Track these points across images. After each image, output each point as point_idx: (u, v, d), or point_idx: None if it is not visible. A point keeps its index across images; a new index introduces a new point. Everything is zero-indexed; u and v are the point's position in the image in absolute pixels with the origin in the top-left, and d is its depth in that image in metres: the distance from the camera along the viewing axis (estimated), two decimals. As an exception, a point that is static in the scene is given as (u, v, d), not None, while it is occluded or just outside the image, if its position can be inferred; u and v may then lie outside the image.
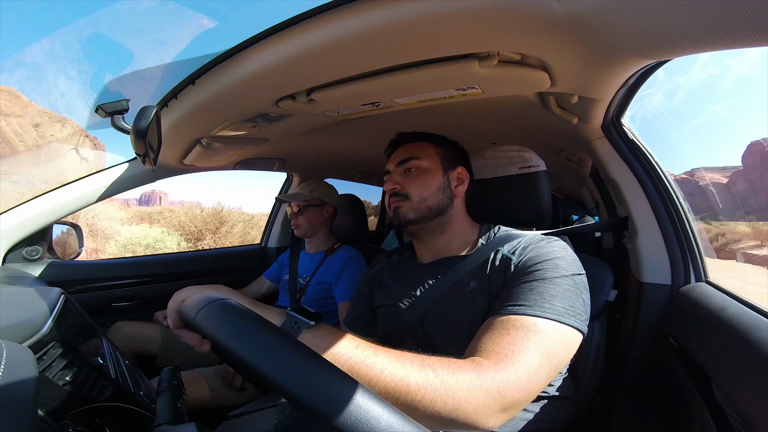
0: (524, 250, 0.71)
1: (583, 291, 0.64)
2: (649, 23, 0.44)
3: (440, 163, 0.83)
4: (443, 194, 0.81)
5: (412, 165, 0.82)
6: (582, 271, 0.67)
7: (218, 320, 0.43)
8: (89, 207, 1.33)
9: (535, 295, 0.61)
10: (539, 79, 0.64)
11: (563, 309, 0.59)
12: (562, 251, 0.68)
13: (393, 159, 0.86)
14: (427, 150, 0.84)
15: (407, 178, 0.82)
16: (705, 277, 0.92)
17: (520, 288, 0.63)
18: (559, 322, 0.58)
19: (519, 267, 0.68)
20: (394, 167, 0.85)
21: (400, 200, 0.80)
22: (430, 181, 0.80)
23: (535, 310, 0.59)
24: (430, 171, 0.81)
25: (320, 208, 1.50)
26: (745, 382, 0.57)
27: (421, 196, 0.79)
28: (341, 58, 0.57)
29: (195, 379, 1.15)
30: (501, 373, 0.52)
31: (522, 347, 0.55)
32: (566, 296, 0.61)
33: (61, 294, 0.70)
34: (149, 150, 0.85)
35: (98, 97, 0.88)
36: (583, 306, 0.63)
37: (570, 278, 0.64)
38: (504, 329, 0.58)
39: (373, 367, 0.48)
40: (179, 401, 0.60)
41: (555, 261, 0.65)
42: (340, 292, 1.35)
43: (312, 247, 1.54)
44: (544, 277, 0.63)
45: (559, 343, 0.58)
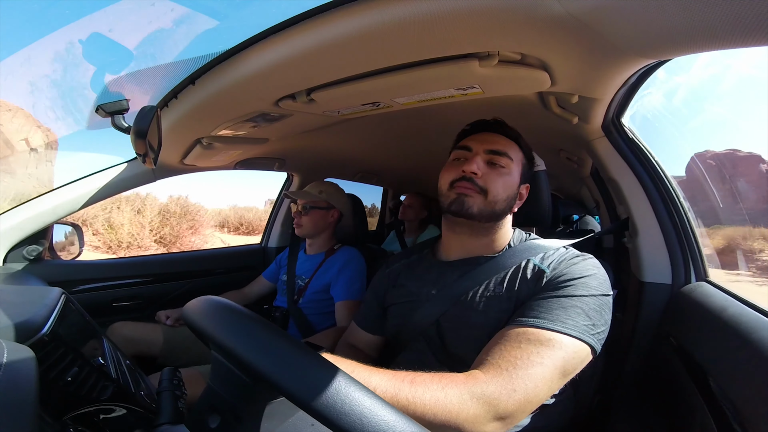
0: (558, 264, 0.69)
1: (606, 312, 0.64)
2: (649, 23, 0.43)
3: (521, 172, 0.79)
4: (509, 204, 0.77)
5: (504, 162, 0.75)
6: (610, 292, 0.66)
7: (201, 311, 0.46)
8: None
9: (559, 311, 0.61)
10: (539, 79, 0.64)
11: (584, 327, 0.59)
12: (595, 270, 0.68)
13: (481, 139, 0.78)
14: (518, 154, 0.79)
15: (492, 171, 0.75)
16: (705, 276, 0.92)
17: (545, 302, 0.63)
18: (578, 339, 0.58)
19: (549, 280, 0.67)
20: (482, 150, 0.76)
21: (475, 190, 0.73)
22: (509, 185, 0.76)
23: (556, 325, 0.59)
24: (512, 176, 0.77)
25: (326, 211, 1.46)
26: (745, 382, 0.57)
27: (495, 197, 0.73)
28: (341, 58, 0.57)
29: (194, 378, 1.15)
30: (494, 384, 0.53)
31: (528, 361, 0.55)
32: (591, 315, 0.61)
33: (61, 294, 0.70)
34: (149, 150, 0.85)
35: (98, 97, 0.88)
36: (604, 326, 0.63)
37: (598, 298, 0.63)
38: (516, 342, 0.58)
39: (368, 386, 0.50)
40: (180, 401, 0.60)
41: (586, 279, 0.65)
42: (338, 291, 1.35)
43: (312, 249, 1.52)
44: (573, 294, 0.63)
45: (571, 359, 0.58)
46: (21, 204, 1.16)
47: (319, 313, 1.40)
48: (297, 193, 1.52)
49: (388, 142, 1.45)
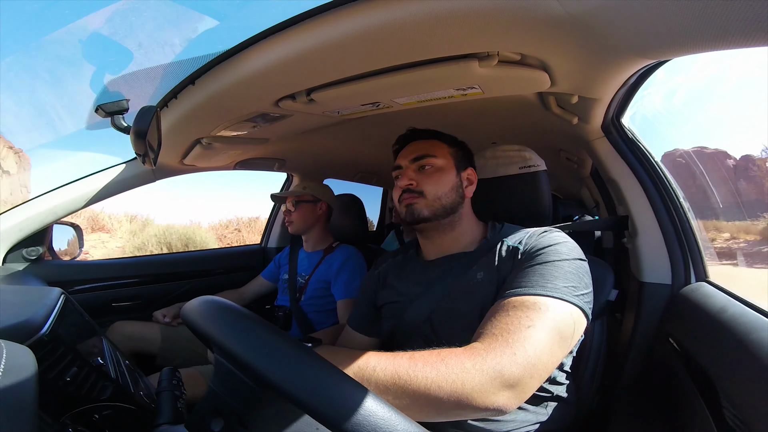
0: (529, 238, 0.73)
1: (584, 275, 0.66)
2: (649, 23, 0.44)
3: (453, 163, 0.83)
4: (456, 193, 0.81)
5: (429, 162, 0.82)
6: (583, 257, 0.69)
7: (203, 312, 0.45)
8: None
9: (537, 277, 0.63)
10: (539, 79, 0.64)
11: (565, 288, 0.61)
12: (563, 239, 0.71)
13: (406, 154, 0.85)
14: (442, 149, 0.84)
15: (422, 175, 0.81)
16: (705, 276, 0.92)
17: (523, 272, 0.66)
18: (562, 299, 0.60)
19: (523, 253, 0.70)
20: (407, 163, 0.83)
21: (415, 197, 0.80)
22: (445, 179, 0.81)
23: (537, 290, 0.61)
24: (444, 170, 0.82)
25: (314, 204, 1.51)
26: (745, 382, 0.57)
27: (436, 194, 0.79)
28: (341, 58, 0.57)
29: (193, 378, 1.15)
30: (492, 352, 0.53)
31: (519, 325, 0.56)
32: (568, 277, 0.63)
33: (61, 294, 0.70)
34: (149, 150, 0.85)
35: (98, 97, 0.88)
36: (586, 288, 0.65)
37: (571, 261, 0.66)
38: (504, 311, 0.60)
39: (366, 367, 0.51)
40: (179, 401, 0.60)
41: (556, 246, 0.68)
42: (338, 289, 1.36)
43: (310, 245, 1.54)
44: (546, 260, 0.66)
45: (562, 321, 0.59)
46: (21, 204, 1.16)
47: (321, 311, 1.41)
48: (283, 193, 1.61)
49: (388, 142, 1.44)
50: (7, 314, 0.54)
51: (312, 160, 1.68)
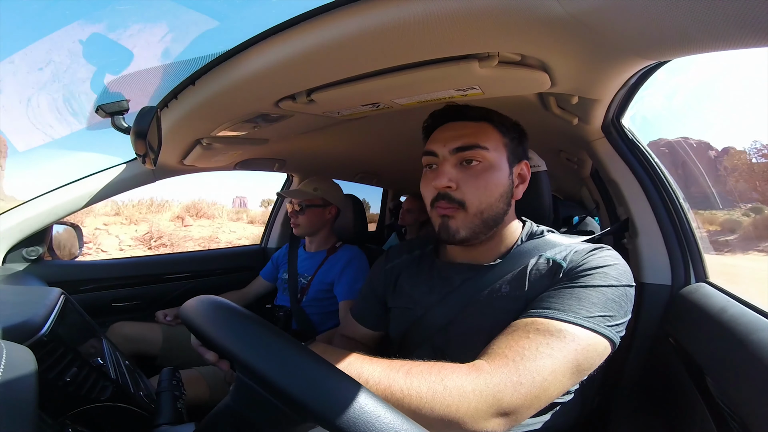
0: (576, 255, 0.63)
1: (627, 303, 0.59)
2: (649, 23, 0.44)
3: (507, 157, 0.67)
4: (504, 201, 0.66)
5: (477, 156, 0.64)
6: (632, 283, 0.61)
7: (199, 311, 0.45)
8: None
9: (572, 300, 0.56)
10: (539, 80, 0.64)
11: (601, 317, 0.54)
12: (616, 260, 0.62)
13: (445, 138, 0.66)
14: (493, 137, 0.66)
15: (466, 174, 0.64)
16: (705, 277, 0.92)
17: (559, 292, 0.58)
18: (592, 331, 0.53)
19: (566, 273, 0.61)
20: (447, 153, 0.65)
21: (454, 209, 0.64)
22: (495, 182, 0.64)
23: (568, 315, 0.54)
24: (496, 169, 0.65)
25: (323, 208, 1.44)
26: (744, 383, 0.57)
27: (480, 205, 0.64)
28: (341, 58, 0.57)
29: (194, 379, 1.15)
30: (499, 376, 0.49)
31: (536, 352, 0.51)
32: (608, 306, 0.56)
33: (61, 294, 0.70)
34: (149, 150, 0.85)
35: (98, 97, 0.88)
36: (624, 317, 0.57)
37: (617, 288, 0.58)
38: (525, 332, 0.54)
39: (360, 377, 0.48)
40: (179, 401, 0.60)
41: (606, 269, 0.59)
42: (341, 290, 1.34)
43: (312, 246, 1.51)
44: (589, 284, 0.57)
45: (585, 353, 0.52)
46: (21, 204, 1.16)
47: (322, 313, 1.40)
48: (292, 192, 1.49)
49: (388, 142, 1.45)
50: (7, 314, 0.54)
51: (312, 160, 1.68)
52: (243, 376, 0.40)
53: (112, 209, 9.40)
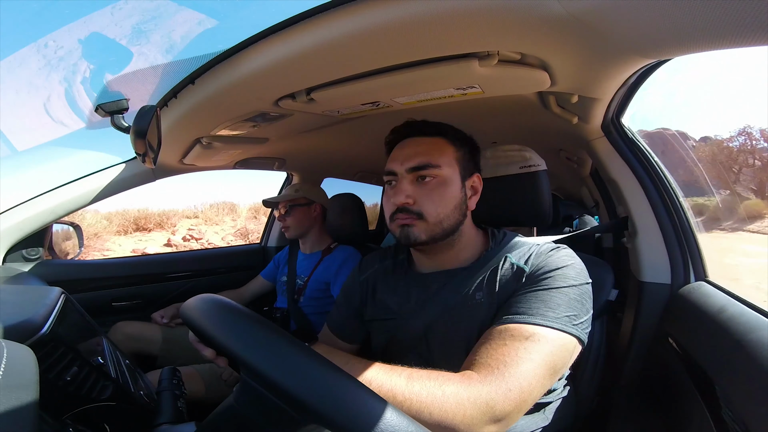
0: (536, 258, 0.67)
1: (587, 300, 0.63)
2: (649, 23, 0.44)
3: (459, 171, 0.71)
4: (459, 211, 0.70)
5: (431, 173, 0.69)
6: (589, 280, 0.66)
7: (196, 307, 0.45)
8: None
9: (539, 304, 0.60)
10: (539, 79, 0.64)
11: (566, 317, 0.58)
12: (571, 260, 0.66)
13: (402, 157, 0.71)
14: (446, 153, 0.70)
15: (421, 189, 0.69)
16: (705, 276, 0.92)
17: (524, 297, 0.62)
18: (561, 331, 0.57)
19: (529, 277, 0.65)
20: (403, 171, 0.70)
21: (413, 219, 0.68)
22: (449, 196, 0.69)
23: (537, 319, 0.58)
24: (449, 183, 0.69)
25: (307, 207, 1.50)
26: (744, 382, 0.58)
27: (437, 216, 0.68)
28: (341, 57, 0.57)
29: (190, 376, 1.16)
30: (490, 385, 0.52)
31: (517, 357, 0.54)
32: (571, 305, 0.60)
33: (61, 294, 0.70)
34: (149, 149, 0.85)
35: (98, 96, 0.88)
36: (586, 314, 0.62)
37: (577, 288, 0.62)
38: (501, 339, 0.57)
39: (362, 379, 0.50)
40: (179, 400, 0.60)
41: (564, 270, 0.64)
42: (338, 290, 1.35)
43: (307, 247, 1.53)
44: (551, 286, 0.62)
45: (558, 352, 0.57)
46: (21, 204, 1.16)
47: (320, 313, 1.40)
48: (275, 198, 1.57)
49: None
50: (8, 314, 0.54)
51: (312, 159, 1.68)
52: (248, 379, 0.40)
53: (191, 212, 10.68)
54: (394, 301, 0.78)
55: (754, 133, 8.26)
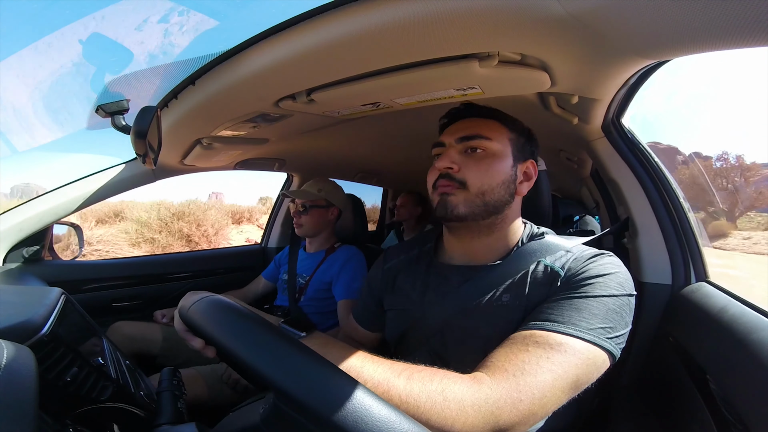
0: (575, 262, 0.62)
1: (628, 313, 0.57)
2: (649, 23, 0.44)
3: (511, 151, 0.69)
4: (506, 189, 0.67)
5: (481, 145, 0.67)
6: (633, 292, 0.59)
7: (205, 312, 0.45)
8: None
9: (573, 312, 0.55)
10: (539, 80, 0.64)
11: (601, 329, 0.53)
12: (616, 268, 0.61)
13: (453, 131, 0.70)
14: (500, 131, 0.69)
15: (469, 159, 0.67)
16: (706, 276, 0.92)
17: (558, 303, 0.57)
18: (592, 343, 0.52)
19: (565, 282, 0.60)
20: (453, 141, 0.69)
21: (454, 186, 0.66)
22: (497, 169, 0.66)
23: (568, 327, 0.53)
24: (499, 157, 0.67)
25: (326, 209, 1.46)
26: (745, 383, 0.57)
27: (481, 187, 0.65)
28: (341, 58, 0.57)
29: (193, 378, 1.15)
30: (499, 391, 0.48)
31: (537, 366, 0.50)
32: (609, 316, 0.54)
33: (61, 294, 0.70)
34: (149, 150, 0.85)
35: (98, 97, 0.88)
36: (624, 328, 0.56)
37: (618, 298, 0.56)
38: (524, 345, 0.53)
39: (359, 377, 0.46)
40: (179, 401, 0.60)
41: (606, 278, 0.58)
42: (339, 290, 1.35)
43: (312, 246, 1.52)
44: (589, 294, 0.56)
45: (585, 367, 0.51)
46: (21, 204, 1.16)
47: (321, 312, 1.40)
48: (296, 192, 1.50)
49: (388, 142, 1.45)
50: (7, 314, 0.54)
51: (312, 160, 1.68)
52: (283, 406, 0.39)
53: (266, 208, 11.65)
54: (414, 291, 0.75)
55: (730, 159, 9.14)
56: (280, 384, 0.38)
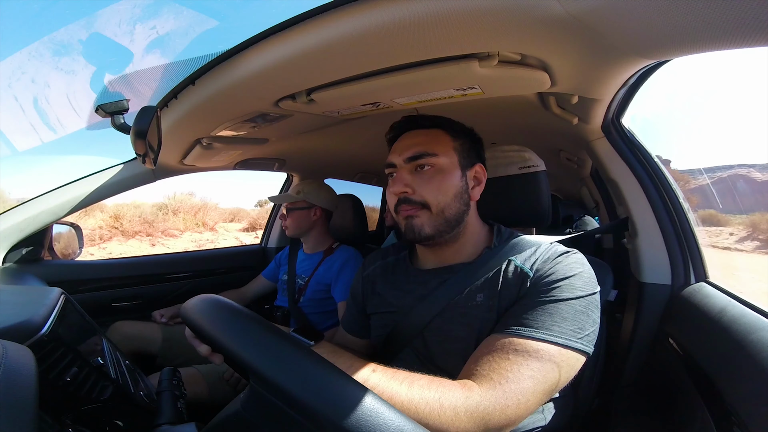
0: (543, 264, 0.65)
1: (594, 310, 0.61)
2: (649, 23, 0.44)
3: (458, 160, 0.70)
4: (460, 201, 0.69)
5: (428, 162, 0.69)
6: (597, 288, 0.63)
7: (200, 309, 0.45)
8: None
9: (545, 317, 0.58)
10: (539, 80, 0.64)
11: (571, 331, 0.57)
12: (580, 267, 0.64)
13: (400, 149, 0.72)
14: (443, 143, 0.70)
15: (420, 179, 0.69)
16: (705, 277, 0.92)
17: (530, 308, 0.60)
18: (565, 347, 0.56)
19: (534, 284, 0.63)
20: (402, 162, 0.70)
21: (416, 209, 0.68)
22: (448, 184, 0.68)
23: (542, 333, 0.57)
24: (447, 172, 0.69)
25: (307, 210, 1.49)
26: (745, 383, 0.58)
27: (439, 204, 0.68)
28: (341, 58, 0.57)
29: (193, 377, 1.15)
30: (489, 399, 0.52)
31: (519, 373, 0.54)
32: (577, 318, 0.58)
33: (61, 294, 0.70)
34: (149, 150, 0.85)
35: (98, 97, 0.89)
36: (593, 326, 0.60)
37: (584, 299, 0.60)
38: (504, 352, 0.57)
39: (365, 383, 0.49)
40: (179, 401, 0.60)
41: (571, 280, 0.61)
42: (338, 291, 1.35)
43: (309, 247, 1.54)
44: (558, 297, 0.60)
45: (560, 368, 0.56)
46: (21, 204, 1.16)
47: (320, 312, 1.41)
48: (276, 198, 1.62)
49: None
50: (7, 314, 0.54)
51: (312, 160, 1.68)
52: (258, 387, 0.40)
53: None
54: (392, 296, 0.78)
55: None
56: (258, 368, 0.39)
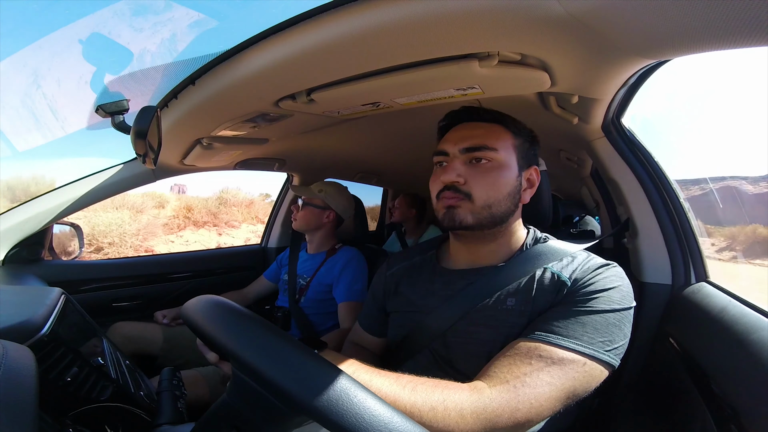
0: (583, 273, 0.63)
1: (627, 325, 0.59)
2: (649, 23, 0.44)
3: (517, 160, 0.68)
4: (511, 201, 0.67)
5: (486, 156, 0.65)
6: (633, 303, 0.61)
7: (199, 309, 0.45)
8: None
9: (577, 326, 0.56)
10: (539, 79, 0.64)
11: (601, 342, 0.55)
12: (619, 281, 0.62)
13: (456, 138, 0.68)
14: (504, 139, 0.68)
15: (474, 171, 0.66)
16: (706, 277, 0.92)
17: (563, 316, 0.58)
18: (591, 357, 0.54)
19: (571, 292, 0.61)
20: (457, 151, 0.67)
21: (459, 198, 0.65)
22: (503, 182, 0.66)
23: (570, 342, 0.55)
24: (504, 169, 0.66)
25: (321, 210, 1.48)
26: (745, 383, 0.57)
27: (487, 200, 0.65)
28: (341, 58, 0.57)
29: (194, 379, 1.15)
30: (498, 401, 0.50)
31: (537, 378, 0.52)
32: (609, 330, 0.56)
33: (61, 294, 0.70)
34: (149, 150, 0.85)
35: (98, 97, 0.89)
36: (623, 339, 0.58)
37: (619, 313, 0.58)
38: (527, 357, 0.55)
39: (369, 388, 0.49)
40: (179, 401, 0.60)
41: (610, 292, 0.59)
42: (339, 292, 1.35)
43: (313, 247, 1.53)
44: (594, 309, 0.57)
45: (583, 379, 0.54)
46: (21, 204, 1.16)
47: (321, 313, 1.40)
48: (297, 189, 1.59)
49: (388, 142, 1.45)
50: (8, 314, 0.54)
51: (312, 160, 1.68)
52: (239, 372, 0.40)
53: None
54: (416, 296, 0.75)
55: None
56: (232, 348, 0.39)
